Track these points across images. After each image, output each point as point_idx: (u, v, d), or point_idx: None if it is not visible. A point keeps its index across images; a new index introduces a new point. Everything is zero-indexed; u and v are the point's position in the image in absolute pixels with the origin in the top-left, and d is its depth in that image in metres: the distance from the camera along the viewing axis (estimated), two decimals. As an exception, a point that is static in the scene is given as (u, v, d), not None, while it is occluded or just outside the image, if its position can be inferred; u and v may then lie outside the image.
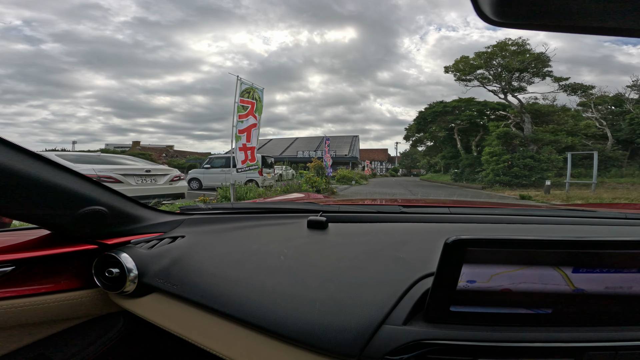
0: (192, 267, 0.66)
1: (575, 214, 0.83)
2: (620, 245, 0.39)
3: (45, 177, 0.56)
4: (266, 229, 0.81)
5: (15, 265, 0.62)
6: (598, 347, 0.41)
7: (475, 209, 0.88)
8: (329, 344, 0.45)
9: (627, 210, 0.88)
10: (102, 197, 0.67)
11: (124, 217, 0.74)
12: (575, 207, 0.99)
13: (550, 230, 0.72)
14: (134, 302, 0.68)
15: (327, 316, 0.48)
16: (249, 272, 0.61)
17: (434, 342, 0.43)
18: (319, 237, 0.72)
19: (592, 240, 0.39)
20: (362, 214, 0.85)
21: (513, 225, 0.75)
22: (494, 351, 0.42)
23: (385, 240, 0.67)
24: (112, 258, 0.66)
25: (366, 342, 0.44)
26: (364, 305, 0.48)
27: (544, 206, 1.15)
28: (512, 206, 0.96)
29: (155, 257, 0.70)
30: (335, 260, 0.61)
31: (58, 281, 0.67)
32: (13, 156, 0.52)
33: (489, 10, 0.23)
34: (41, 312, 0.64)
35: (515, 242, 0.40)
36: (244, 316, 0.53)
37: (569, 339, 0.41)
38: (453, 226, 0.75)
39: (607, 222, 0.77)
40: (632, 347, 0.41)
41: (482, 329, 0.43)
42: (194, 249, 0.72)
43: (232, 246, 0.72)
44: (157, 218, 0.82)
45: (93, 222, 0.67)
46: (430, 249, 0.57)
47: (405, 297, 0.48)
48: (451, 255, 0.41)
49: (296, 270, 0.59)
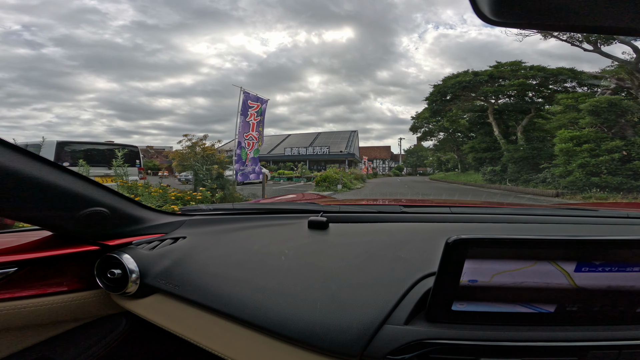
0: (193, 268, 0.66)
1: (576, 213, 0.83)
2: (622, 245, 0.39)
3: (47, 179, 0.56)
4: (267, 229, 0.81)
5: (18, 266, 0.63)
6: (601, 347, 0.41)
7: (476, 209, 0.88)
8: (330, 344, 0.45)
9: (629, 210, 0.87)
10: (103, 198, 0.67)
11: (126, 218, 0.74)
12: (576, 206, 1.00)
13: (551, 230, 0.71)
14: (136, 303, 0.68)
15: (329, 316, 0.48)
16: (250, 272, 0.61)
17: (435, 342, 0.43)
18: (319, 238, 0.72)
19: (594, 240, 0.39)
20: (363, 214, 0.85)
21: (514, 225, 0.74)
22: (496, 350, 0.42)
23: (386, 240, 0.67)
24: (114, 259, 0.67)
25: (368, 342, 0.44)
26: (365, 305, 0.48)
27: (546, 205, 1.14)
28: (513, 205, 0.96)
29: (157, 258, 0.70)
30: (336, 260, 0.61)
31: (60, 282, 0.67)
32: (15, 158, 0.52)
33: (487, 10, 0.23)
34: (44, 313, 0.64)
35: (517, 242, 0.39)
36: (245, 316, 0.53)
37: (572, 338, 0.41)
38: (454, 226, 0.75)
39: (608, 221, 0.76)
40: (635, 347, 0.41)
41: (484, 328, 0.43)
42: (196, 250, 0.72)
43: (234, 247, 0.72)
44: (158, 219, 0.82)
45: (95, 223, 0.67)
46: (432, 249, 0.57)
47: (406, 296, 0.48)
48: (452, 255, 0.40)
49: (297, 271, 0.59)
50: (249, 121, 5.87)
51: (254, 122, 5.98)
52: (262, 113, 6.16)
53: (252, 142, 6.01)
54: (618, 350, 0.40)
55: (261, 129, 6.22)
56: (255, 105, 6.00)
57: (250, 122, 5.90)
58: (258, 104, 6.06)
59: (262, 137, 6.30)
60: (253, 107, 5.94)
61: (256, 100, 6.04)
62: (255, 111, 5.99)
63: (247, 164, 5.91)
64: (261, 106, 6.13)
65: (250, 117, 5.90)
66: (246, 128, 5.83)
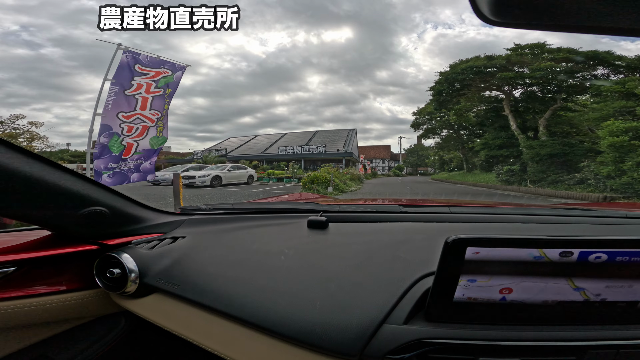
0: (193, 268, 0.66)
1: (575, 213, 0.83)
2: (620, 244, 0.39)
3: (46, 179, 0.56)
4: (266, 229, 0.80)
5: (17, 266, 0.63)
6: (599, 346, 0.41)
7: (476, 208, 0.88)
8: (330, 343, 0.45)
9: (627, 210, 0.87)
10: (103, 197, 0.67)
11: (125, 217, 0.74)
12: (575, 206, 0.99)
13: (550, 229, 0.71)
14: (136, 302, 0.68)
15: (328, 316, 0.48)
16: (250, 272, 0.61)
17: (435, 341, 0.43)
18: (319, 237, 0.72)
19: (593, 239, 0.39)
20: (363, 214, 0.84)
21: (513, 225, 0.74)
22: (495, 350, 0.42)
23: (386, 240, 0.67)
24: (113, 258, 0.66)
25: (367, 342, 0.44)
26: (364, 305, 0.48)
27: (545, 205, 1.13)
28: (512, 205, 0.96)
29: (156, 257, 0.70)
30: (336, 259, 0.61)
31: (60, 282, 0.67)
32: (15, 158, 0.52)
33: (486, 9, 0.23)
34: (43, 312, 0.64)
35: (516, 241, 0.39)
36: (245, 316, 0.53)
37: (570, 338, 0.41)
38: (453, 225, 0.75)
39: (607, 221, 0.76)
40: (633, 346, 0.41)
41: (483, 327, 0.43)
42: (195, 250, 0.72)
43: (233, 246, 0.72)
44: (157, 218, 0.82)
45: (94, 222, 0.66)
46: (431, 249, 0.57)
47: (405, 296, 0.48)
48: (452, 254, 0.40)
49: (297, 270, 0.59)
50: (134, 95, 3.54)
51: (145, 96, 3.59)
52: (170, 85, 3.85)
53: (144, 125, 3.63)
54: (616, 350, 0.40)
55: (166, 107, 3.83)
56: (153, 73, 3.68)
57: (137, 96, 3.54)
58: (160, 70, 3.73)
59: (165, 119, 3.86)
60: (148, 75, 3.63)
61: (157, 65, 3.70)
62: (154, 80, 3.67)
63: (129, 159, 3.60)
64: (172, 74, 3.83)
65: (138, 89, 3.56)
66: (126, 104, 3.52)
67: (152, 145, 3.73)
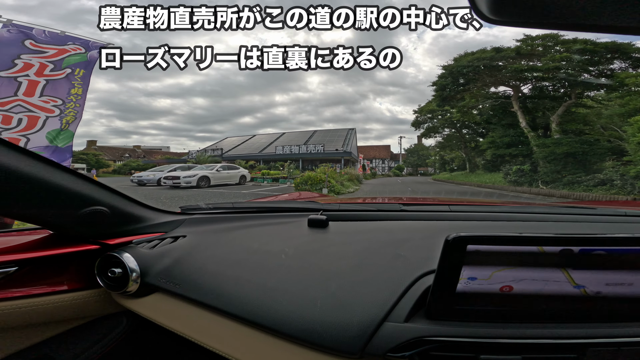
0: (194, 267, 0.66)
1: (574, 211, 0.84)
2: (620, 242, 0.39)
3: (47, 178, 0.56)
4: (267, 228, 0.81)
5: (18, 265, 0.63)
6: (600, 344, 0.41)
7: (476, 207, 0.89)
8: (330, 341, 0.45)
9: (626, 208, 0.88)
10: (103, 197, 0.67)
11: (126, 217, 0.74)
12: (574, 204, 1.01)
13: (550, 227, 0.72)
14: (137, 301, 0.68)
15: (329, 314, 0.48)
16: (251, 271, 0.61)
17: (435, 339, 0.43)
18: (319, 236, 0.72)
19: (592, 237, 0.39)
20: (363, 212, 0.85)
21: (513, 223, 0.75)
22: (496, 347, 0.42)
23: (386, 239, 0.67)
24: (114, 258, 0.67)
25: (368, 340, 0.44)
26: (365, 303, 0.48)
27: (544, 204, 1.14)
28: (512, 204, 0.97)
29: (157, 256, 0.70)
30: (336, 258, 0.61)
31: (61, 282, 0.67)
32: (15, 157, 0.52)
33: (485, 9, 0.23)
34: (44, 312, 0.64)
35: (516, 239, 0.40)
36: (246, 315, 0.53)
37: (571, 335, 0.41)
38: (453, 224, 0.75)
39: (607, 219, 0.76)
40: (633, 343, 0.41)
41: (484, 325, 0.43)
42: (196, 249, 0.72)
43: (234, 245, 0.72)
44: (158, 218, 0.83)
45: (95, 222, 0.67)
46: (431, 247, 0.57)
47: (406, 294, 0.48)
48: (452, 253, 0.41)
49: (297, 269, 0.59)
50: (16, 77, 2.58)
51: (35, 79, 2.64)
52: (81, 65, 2.87)
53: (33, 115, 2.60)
54: (617, 347, 0.41)
55: (78, 92, 2.83)
56: (53, 51, 2.76)
57: (20, 78, 2.59)
58: (66, 48, 2.82)
59: (79, 108, 2.83)
60: (44, 54, 2.71)
61: (61, 41, 2.80)
62: (51, 61, 2.73)
63: None
64: (85, 52, 2.89)
65: (23, 70, 2.61)
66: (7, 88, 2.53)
67: (52, 142, 2.74)
